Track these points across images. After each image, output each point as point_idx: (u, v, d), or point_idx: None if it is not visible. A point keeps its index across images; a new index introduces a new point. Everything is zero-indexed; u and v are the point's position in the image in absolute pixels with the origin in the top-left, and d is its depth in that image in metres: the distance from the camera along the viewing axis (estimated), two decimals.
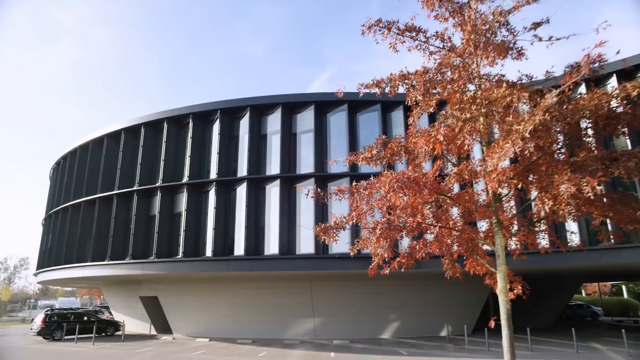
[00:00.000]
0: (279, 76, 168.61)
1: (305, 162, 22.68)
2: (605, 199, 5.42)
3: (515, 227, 6.27)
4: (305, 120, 23.11)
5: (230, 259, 21.25)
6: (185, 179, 23.38)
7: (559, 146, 5.61)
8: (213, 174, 23.07)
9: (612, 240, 5.90)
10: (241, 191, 22.58)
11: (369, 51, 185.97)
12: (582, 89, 19.12)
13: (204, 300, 25.03)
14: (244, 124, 23.46)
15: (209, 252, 21.74)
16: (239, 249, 21.57)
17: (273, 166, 22.69)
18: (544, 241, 6.50)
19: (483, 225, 6.94)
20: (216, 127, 23.75)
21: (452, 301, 23.83)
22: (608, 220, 5.91)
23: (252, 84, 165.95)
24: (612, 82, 19.26)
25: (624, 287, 52.89)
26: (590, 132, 5.78)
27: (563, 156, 5.70)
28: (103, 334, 26.46)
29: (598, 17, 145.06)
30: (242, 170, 22.93)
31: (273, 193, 22.27)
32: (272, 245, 21.47)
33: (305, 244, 21.44)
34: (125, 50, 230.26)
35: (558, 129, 5.01)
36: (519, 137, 4.37)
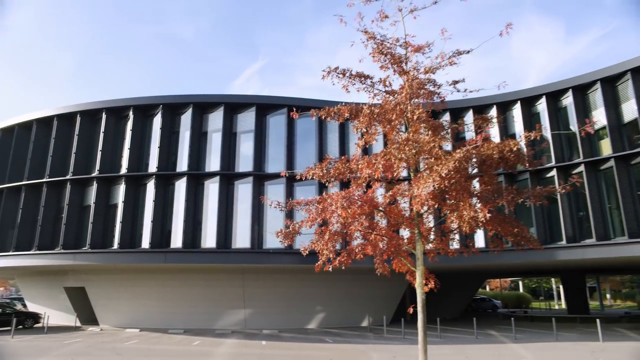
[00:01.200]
0: (209, 62, 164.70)
1: (244, 161, 23.71)
2: (496, 219, 7.34)
3: (432, 237, 8.09)
4: (246, 120, 24.12)
5: (167, 251, 21.82)
6: (123, 171, 23.42)
7: (469, 176, 7.52)
8: (152, 168, 23.36)
9: (498, 247, 7.91)
10: (180, 185, 23.14)
11: (302, 46, 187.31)
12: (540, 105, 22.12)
13: (135, 291, 25.19)
14: (186, 120, 23.96)
15: (145, 244, 22.10)
16: (177, 241, 22.19)
17: (213, 163, 23.48)
18: (452, 247, 8.39)
19: (407, 234, 8.68)
20: (157, 121, 23.99)
21: (373, 295, 26.20)
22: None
23: (180, 67, 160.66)
24: (598, 88, 21.74)
25: (520, 283, 59.62)
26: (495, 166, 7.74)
27: (470, 184, 7.61)
28: (20, 326, 25.56)
29: (514, 34, 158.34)
30: (182, 165, 23.47)
31: (212, 189, 23.10)
32: (209, 238, 22.33)
33: (241, 239, 22.57)
34: (34, 19, 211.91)
35: (468, 167, 6.91)
36: (437, 175, 6.10)
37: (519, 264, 24.10)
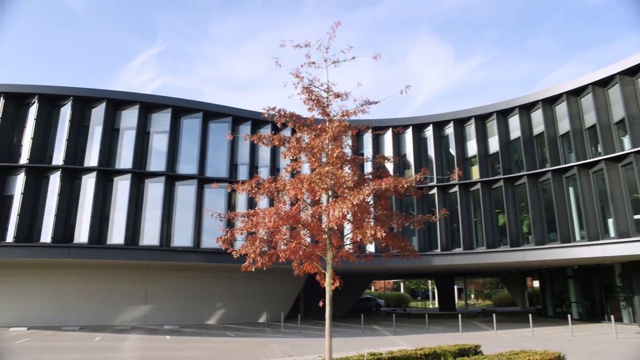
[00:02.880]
0: (101, 39, 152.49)
1: (157, 160, 24.11)
2: (389, 236, 9.62)
3: (340, 246, 10.18)
4: (161, 121, 24.54)
5: (71, 246, 21.48)
6: (24, 161, 22.37)
7: (371, 203, 9.78)
8: (58, 160, 22.67)
9: (388, 256, 10.30)
10: (87, 180, 22.83)
11: (205, 36, 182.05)
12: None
13: (22, 287, 23.84)
14: (97, 114, 23.64)
15: (47, 238, 21.46)
16: (82, 236, 21.90)
17: (124, 160, 23.53)
18: (353, 254, 10.56)
19: (309, 240, 10.69)
20: (65, 113, 23.31)
21: (271, 293, 28.10)
22: None
23: (67, 41, 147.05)
24: (472, 123, 25.83)
25: (401, 284, 65.79)
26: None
27: (372, 208, 9.88)
28: None
29: (411, 50, 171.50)
30: (90, 160, 23.15)
31: (121, 186, 23.17)
32: (116, 234, 22.42)
33: (150, 236, 23.00)
34: None
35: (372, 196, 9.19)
36: (349, 203, 8.14)
37: (403, 267, 27.86)
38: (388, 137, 27.54)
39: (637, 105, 20.19)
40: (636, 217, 19.79)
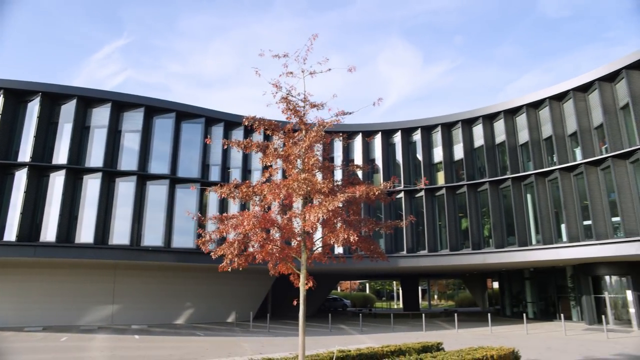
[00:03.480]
0: (63, 29, 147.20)
1: (128, 160, 23.99)
2: (360, 239, 10.26)
3: (313, 249, 10.75)
4: (133, 120, 24.44)
5: (37, 245, 21.13)
6: None
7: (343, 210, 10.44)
8: (25, 157, 22.23)
9: (358, 259, 10.96)
10: (55, 178, 22.50)
11: (173, 30, 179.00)
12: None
13: None
14: (67, 111, 23.32)
15: (12, 237, 21.02)
16: (49, 235, 21.58)
17: (94, 159, 23.31)
18: (324, 256, 11.16)
19: (294, 243, 11.22)
20: (33, 109, 22.88)
21: (239, 293, 28.38)
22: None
23: (27, 30, 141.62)
24: (439, 130, 26.93)
25: (367, 285, 66.97)
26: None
27: (344, 214, 10.52)
28: None
29: (381, 52, 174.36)
30: (59, 157, 22.81)
31: (92, 184, 22.94)
32: (85, 233, 22.20)
33: (120, 235, 22.88)
34: None
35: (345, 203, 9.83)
36: (325, 209, 8.71)
37: (371, 269, 28.71)
38: (358, 142, 28.31)
39: (587, 120, 21.72)
40: (585, 223, 21.29)
